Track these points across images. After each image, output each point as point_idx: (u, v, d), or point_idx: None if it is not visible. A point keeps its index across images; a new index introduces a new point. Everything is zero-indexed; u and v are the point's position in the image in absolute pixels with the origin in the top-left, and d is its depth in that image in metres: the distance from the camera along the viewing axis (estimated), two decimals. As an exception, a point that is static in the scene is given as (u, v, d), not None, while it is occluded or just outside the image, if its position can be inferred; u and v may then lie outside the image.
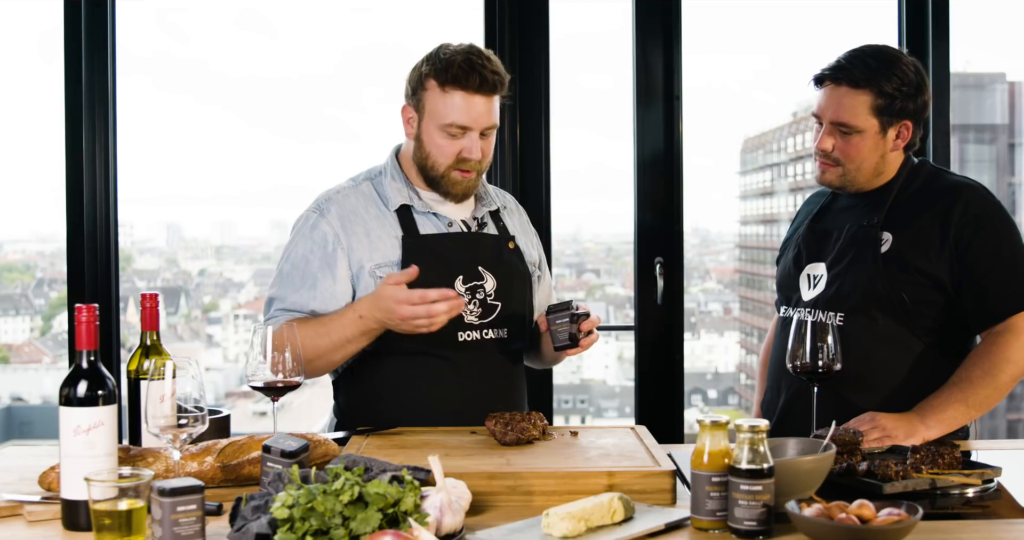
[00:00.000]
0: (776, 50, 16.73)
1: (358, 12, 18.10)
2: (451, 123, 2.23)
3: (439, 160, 2.27)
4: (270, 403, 2.00)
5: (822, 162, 2.36)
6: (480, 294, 2.30)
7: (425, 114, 2.26)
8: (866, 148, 2.31)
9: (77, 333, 1.63)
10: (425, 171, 2.30)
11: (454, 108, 2.23)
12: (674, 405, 3.65)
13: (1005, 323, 2.21)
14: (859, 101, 2.28)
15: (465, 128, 2.24)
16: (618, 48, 3.69)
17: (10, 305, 13.18)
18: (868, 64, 2.28)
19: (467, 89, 2.22)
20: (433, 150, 2.27)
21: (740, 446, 1.56)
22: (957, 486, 1.76)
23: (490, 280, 2.32)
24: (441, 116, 2.24)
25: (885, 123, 2.30)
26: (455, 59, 2.23)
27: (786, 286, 2.48)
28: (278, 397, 1.99)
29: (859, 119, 2.29)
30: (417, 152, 2.30)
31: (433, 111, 2.25)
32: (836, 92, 2.30)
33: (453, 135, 2.24)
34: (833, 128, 2.32)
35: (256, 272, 14.36)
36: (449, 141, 2.25)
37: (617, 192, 4.56)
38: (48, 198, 7.96)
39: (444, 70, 2.22)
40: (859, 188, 2.38)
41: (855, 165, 2.33)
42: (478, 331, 2.30)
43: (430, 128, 2.26)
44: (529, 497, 1.74)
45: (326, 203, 2.32)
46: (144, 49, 6.72)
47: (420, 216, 2.32)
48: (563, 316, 2.18)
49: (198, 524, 1.49)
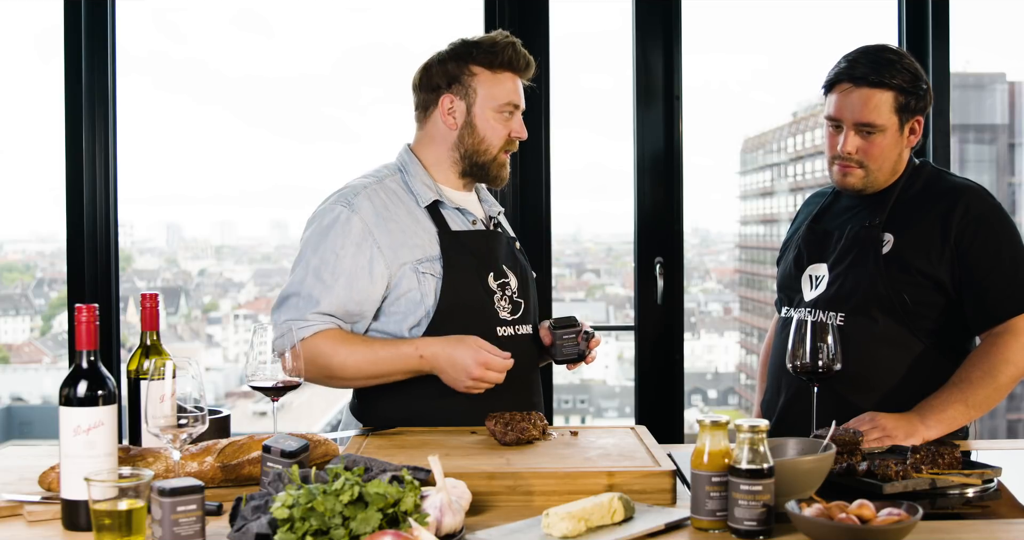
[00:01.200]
0: (776, 50, 16.74)
1: (356, 12, 18.11)
2: (507, 102, 2.31)
3: (494, 142, 2.33)
4: (270, 403, 2.00)
5: (843, 165, 2.33)
6: (508, 291, 2.33)
7: (478, 98, 2.31)
8: (888, 147, 2.31)
9: (77, 333, 1.63)
10: (475, 157, 2.33)
11: (508, 89, 2.32)
12: (674, 405, 3.65)
13: (1005, 324, 2.21)
14: (882, 100, 2.28)
15: (516, 107, 2.33)
16: (618, 48, 3.69)
17: (10, 305, 13.18)
18: (881, 63, 2.28)
19: (515, 70, 2.32)
20: (489, 133, 2.32)
21: (740, 446, 1.56)
22: (957, 486, 1.76)
23: (513, 278, 2.35)
24: (498, 96, 2.31)
25: (904, 120, 2.31)
26: (501, 43, 2.31)
27: (787, 287, 2.48)
28: (278, 397, 1.99)
29: (883, 117, 2.28)
30: (467, 139, 2.33)
31: (488, 94, 2.31)
32: (857, 93, 2.29)
33: (506, 116, 2.32)
34: (857, 129, 2.30)
35: (256, 272, 14.36)
36: (503, 123, 2.32)
37: (617, 192, 4.56)
38: (48, 198, 7.95)
39: (493, 54, 2.30)
40: (877, 189, 2.37)
41: (878, 165, 2.32)
42: (512, 327, 2.33)
43: (485, 112, 2.31)
44: (529, 497, 1.74)
45: (355, 198, 2.27)
46: (141, 49, 6.72)
47: (448, 212, 2.33)
48: (571, 332, 2.31)
49: (198, 524, 1.49)
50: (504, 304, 2.31)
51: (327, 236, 2.24)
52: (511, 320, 2.32)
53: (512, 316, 2.32)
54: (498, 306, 2.29)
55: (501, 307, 2.30)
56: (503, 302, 2.31)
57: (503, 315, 2.30)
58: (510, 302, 2.33)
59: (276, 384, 1.97)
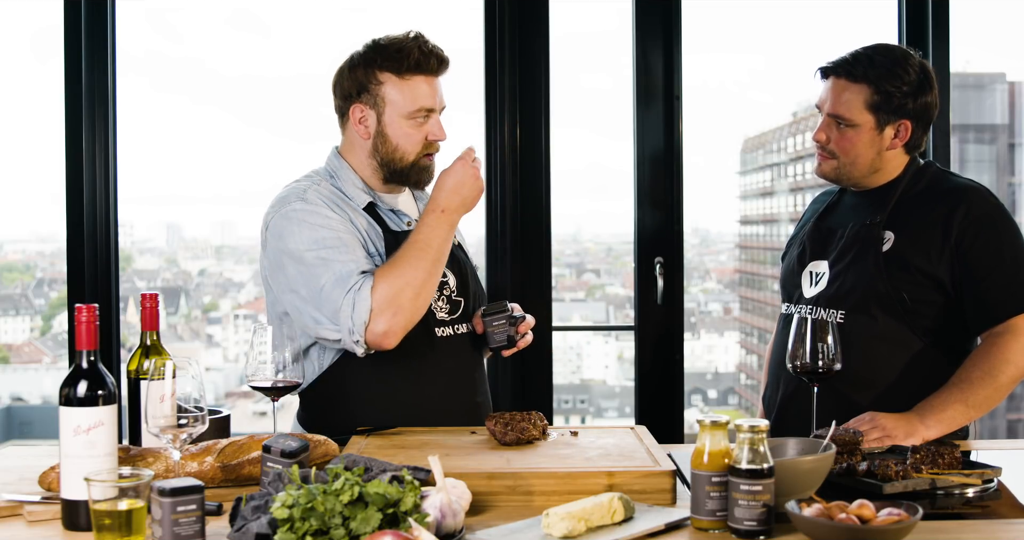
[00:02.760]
0: (775, 50, 16.74)
1: (354, 12, 18.08)
2: (419, 108, 2.24)
3: (408, 149, 2.26)
4: (270, 403, 2.00)
5: (819, 153, 2.39)
6: (446, 290, 2.32)
7: (387, 107, 2.25)
8: (861, 143, 2.32)
9: (77, 333, 1.63)
10: (392, 165, 2.27)
11: (420, 93, 2.24)
12: (674, 405, 3.65)
13: (1005, 324, 2.21)
14: (855, 95, 2.30)
15: (431, 111, 2.26)
16: (618, 48, 3.69)
17: (10, 305, 13.19)
18: (870, 60, 2.30)
19: (426, 72, 2.25)
20: (402, 141, 2.26)
21: (740, 446, 1.56)
22: (957, 486, 1.76)
23: (451, 277, 2.34)
24: (407, 104, 2.24)
25: (882, 120, 2.31)
26: (407, 46, 2.23)
27: (789, 283, 2.49)
28: (278, 397, 1.99)
29: (854, 113, 2.30)
30: (381, 148, 2.27)
31: (396, 101, 2.24)
32: (836, 84, 2.33)
33: (420, 122, 2.26)
34: (831, 120, 2.34)
35: (256, 272, 14.35)
36: (417, 128, 2.26)
37: (617, 192, 4.56)
38: (48, 198, 7.95)
39: (400, 59, 2.23)
40: (855, 183, 2.39)
41: (849, 159, 2.34)
42: (450, 327, 2.32)
43: (395, 120, 2.25)
44: (529, 497, 1.74)
45: (304, 194, 2.24)
46: (138, 49, 6.69)
47: (383, 214, 2.31)
48: (500, 318, 2.27)
49: (198, 524, 1.49)
50: (441, 304, 2.30)
51: (309, 221, 2.18)
52: (449, 320, 2.31)
53: (450, 316, 2.32)
54: (435, 306, 2.28)
55: (438, 307, 2.29)
56: (440, 302, 2.30)
57: (440, 315, 2.30)
58: (448, 301, 2.32)
59: (276, 384, 1.97)
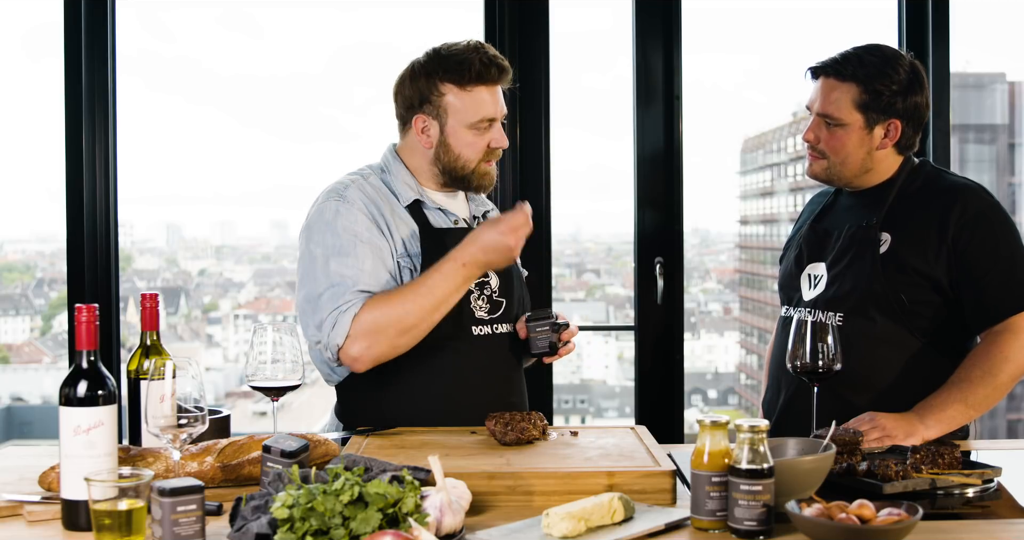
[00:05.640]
0: (774, 51, 16.75)
1: (346, 11, 18.10)
2: (482, 118, 2.28)
3: (471, 157, 2.31)
4: (270, 403, 2.00)
5: (810, 154, 2.39)
6: (487, 290, 2.33)
7: (449, 118, 2.29)
8: (850, 142, 2.32)
9: (77, 333, 1.63)
10: (454, 172, 2.32)
11: (482, 103, 2.28)
12: (674, 405, 3.65)
13: (1004, 323, 2.21)
14: (843, 94, 2.30)
15: (493, 120, 2.30)
16: (618, 48, 3.70)
17: (10, 305, 13.19)
18: (860, 59, 2.31)
19: (488, 82, 2.28)
20: (464, 150, 2.30)
21: (740, 446, 1.56)
22: (957, 486, 1.76)
23: (494, 277, 2.35)
24: (471, 114, 2.28)
25: (871, 119, 2.31)
26: (469, 56, 2.27)
27: (787, 286, 2.49)
28: (278, 397, 1.99)
29: (842, 112, 2.30)
30: (443, 156, 2.31)
31: (460, 112, 2.28)
32: (825, 84, 2.33)
33: (482, 130, 2.29)
34: (819, 120, 2.35)
35: (256, 272, 14.37)
36: (479, 137, 2.30)
37: (617, 192, 4.56)
38: (48, 198, 7.95)
39: (461, 71, 2.26)
40: (847, 183, 2.39)
41: (839, 159, 2.34)
42: (489, 326, 2.33)
43: (458, 130, 2.29)
44: (529, 497, 1.74)
45: (346, 191, 2.28)
46: (131, 48, 6.70)
47: (429, 212, 2.34)
48: (544, 325, 2.29)
49: (198, 524, 1.49)
50: (481, 303, 2.31)
51: (335, 224, 2.24)
52: (488, 319, 2.33)
53: (490, 315, 2.33)
54: (474, 305, 2.30)
55: (478, 306, 2.31)
56: (480, 301, 2.31)
57: (479, 314, 2.31)
58: (488, 301, 2.33)
59: (275, 384, 1.97)
